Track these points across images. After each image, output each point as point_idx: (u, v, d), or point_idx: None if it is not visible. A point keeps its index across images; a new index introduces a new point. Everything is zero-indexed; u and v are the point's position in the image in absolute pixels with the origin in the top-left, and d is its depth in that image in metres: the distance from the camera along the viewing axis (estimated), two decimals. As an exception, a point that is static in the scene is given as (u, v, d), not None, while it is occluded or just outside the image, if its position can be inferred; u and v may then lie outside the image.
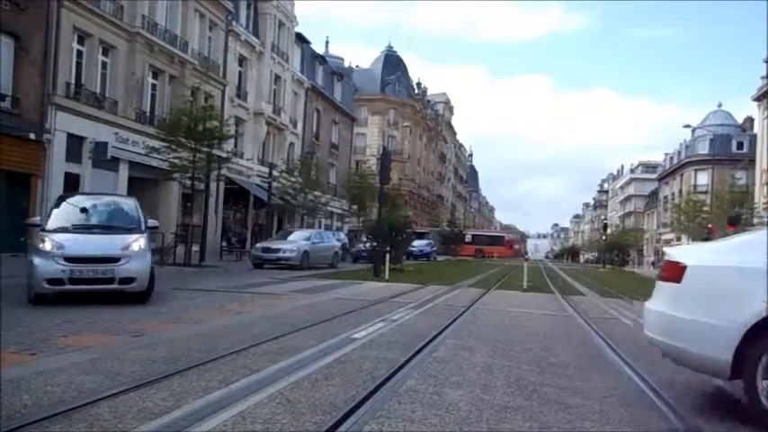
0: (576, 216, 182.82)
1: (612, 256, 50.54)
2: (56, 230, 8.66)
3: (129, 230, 9.13)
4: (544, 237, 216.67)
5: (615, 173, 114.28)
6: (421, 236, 38.79)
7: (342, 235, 33.78)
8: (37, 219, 8.76)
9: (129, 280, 8.50)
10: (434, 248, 38.53)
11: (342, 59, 57.25)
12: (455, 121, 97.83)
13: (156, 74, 25.10)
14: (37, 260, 8.14)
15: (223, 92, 29.60)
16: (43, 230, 8.69)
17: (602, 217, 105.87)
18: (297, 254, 20.11)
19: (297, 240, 21.50)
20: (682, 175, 61.90)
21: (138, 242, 8.83)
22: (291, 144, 38.78)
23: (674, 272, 4.15)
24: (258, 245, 22.11)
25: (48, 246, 8.28)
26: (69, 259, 8.15)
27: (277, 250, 20.28)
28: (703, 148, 57.40)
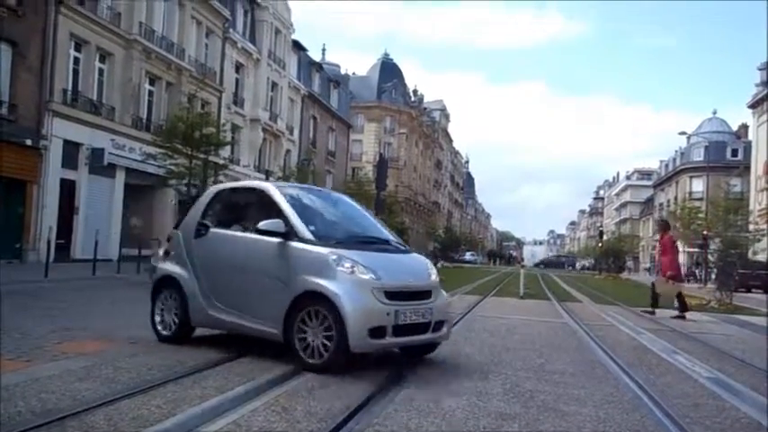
0: (572, 223, 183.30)
1: (608, 262, 50.65)
2: (322, 243, 5.21)
3: (398, 248, 5.95)
4: (540, 243, 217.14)
5: (611, 180, 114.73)
6: None
7: None
8: (277, 223, 5.27)
9: (440, 325, 5.52)
10: None
11: (338, 67, 57.40)
12: (452, 129, 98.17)
13: (153, 81, 25.14)
14: (344, 294, 4.84)
15: (220, 99, 29.65)
16: (301, 240, 5.22)
17: (598, 224, 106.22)
18: None
19: None
20: (677, 182, 62.16)
21: (434, 267, 6.12)
22: (288, 151, 38.82)
23: None
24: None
25: (360, 273, 4.99)
26: (390, 295, 5.05)
27: None
28: (698, 156, 57.66)
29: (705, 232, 31.89)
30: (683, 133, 47.89)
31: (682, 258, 48.21)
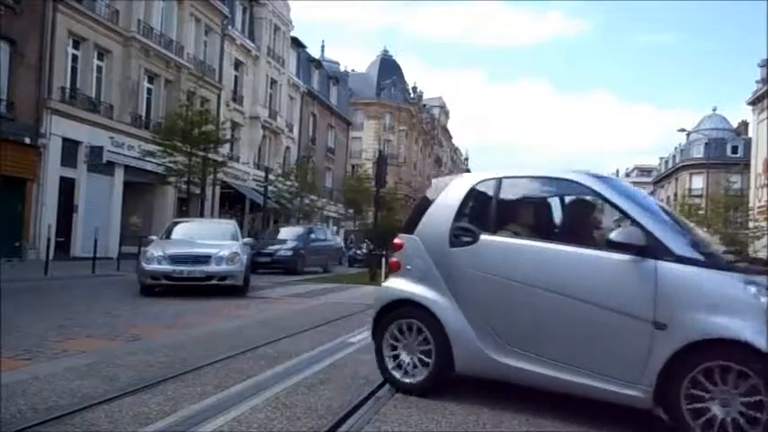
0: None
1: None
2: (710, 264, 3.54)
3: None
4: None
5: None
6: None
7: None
8: (635, 233, 3.61)
9: None
10: None
11: (338, 64, 57.30)
12: (452, 125, 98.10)
13: (152, 78, 25.10)
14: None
15: (219, 96, 29.61)
16: (677, 259, 3.52)
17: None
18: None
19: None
20: (677, 178, 62.20)
21: None
22: (287, 148, 38.80)
23: None
24: (150, 250, 11.01)
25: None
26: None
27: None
28: (698, 152, 57.69)
29: (705, 229, 31.94)
30: (682, 130, 47.79)
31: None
